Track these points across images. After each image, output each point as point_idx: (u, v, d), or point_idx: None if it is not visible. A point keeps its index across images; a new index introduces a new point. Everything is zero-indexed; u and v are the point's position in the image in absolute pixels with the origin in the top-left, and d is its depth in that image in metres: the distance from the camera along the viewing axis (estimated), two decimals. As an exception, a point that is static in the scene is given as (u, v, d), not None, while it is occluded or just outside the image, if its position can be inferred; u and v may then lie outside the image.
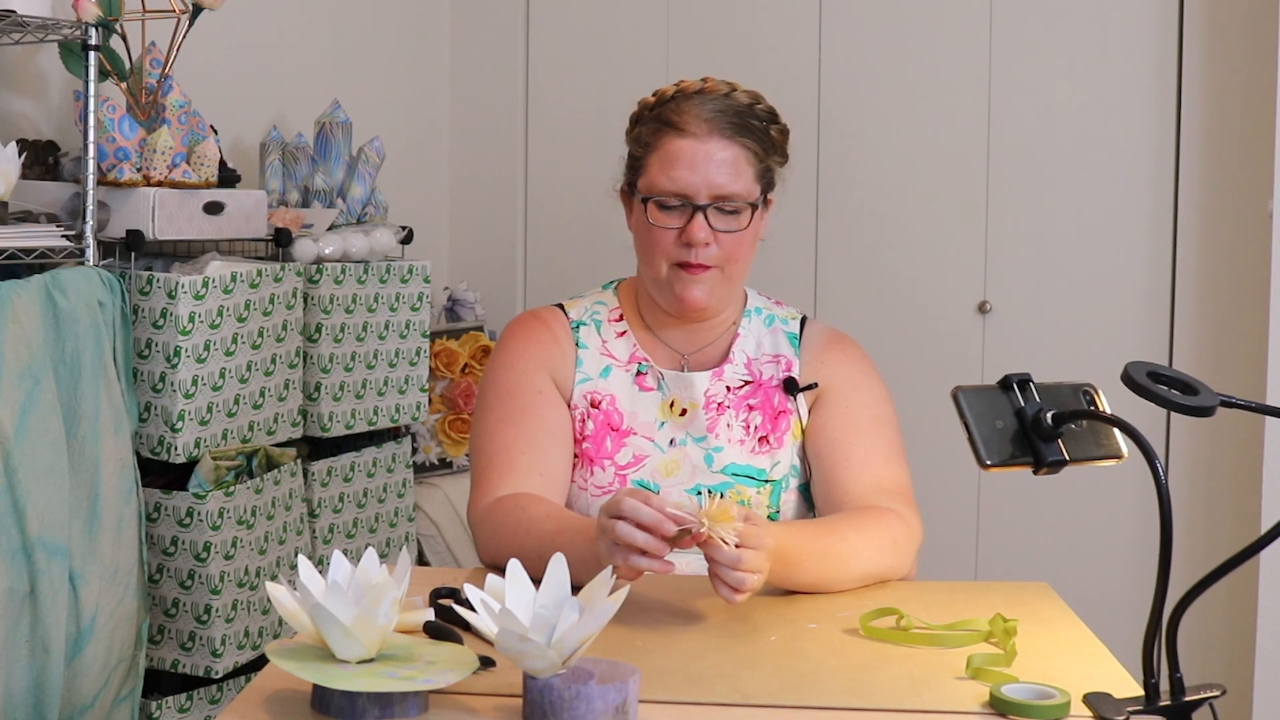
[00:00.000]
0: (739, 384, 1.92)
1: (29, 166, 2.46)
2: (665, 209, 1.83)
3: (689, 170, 1.81)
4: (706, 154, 1.81)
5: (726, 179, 1.82)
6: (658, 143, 1.84)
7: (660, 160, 1.83)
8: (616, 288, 1.99)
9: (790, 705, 1.34)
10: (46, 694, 2.12)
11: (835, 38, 3.54)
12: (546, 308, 1.98)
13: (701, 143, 1.81)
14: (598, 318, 1.95)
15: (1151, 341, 3.35)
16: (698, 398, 1.90)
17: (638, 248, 1.89)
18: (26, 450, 2.10)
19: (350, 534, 2.85)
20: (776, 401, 1.92)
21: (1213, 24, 3.26)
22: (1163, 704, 1.31)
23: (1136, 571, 3.34)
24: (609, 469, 1.88)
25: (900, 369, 3.34)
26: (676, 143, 1.82)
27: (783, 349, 1.94)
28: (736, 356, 1.93)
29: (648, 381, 1.91)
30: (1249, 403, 1.37)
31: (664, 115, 1.85)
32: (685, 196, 1.82)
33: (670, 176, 1.82)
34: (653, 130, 1.85)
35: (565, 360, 1.91)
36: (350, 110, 3.06)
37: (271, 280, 2.55)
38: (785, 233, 3.55)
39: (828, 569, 1.70)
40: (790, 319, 1.98)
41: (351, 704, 1.27)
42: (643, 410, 1.90)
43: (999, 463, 1.41)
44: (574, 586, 1.32)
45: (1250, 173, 3.19)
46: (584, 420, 1.89)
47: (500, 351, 1.94)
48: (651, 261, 1.86)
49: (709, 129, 1.82)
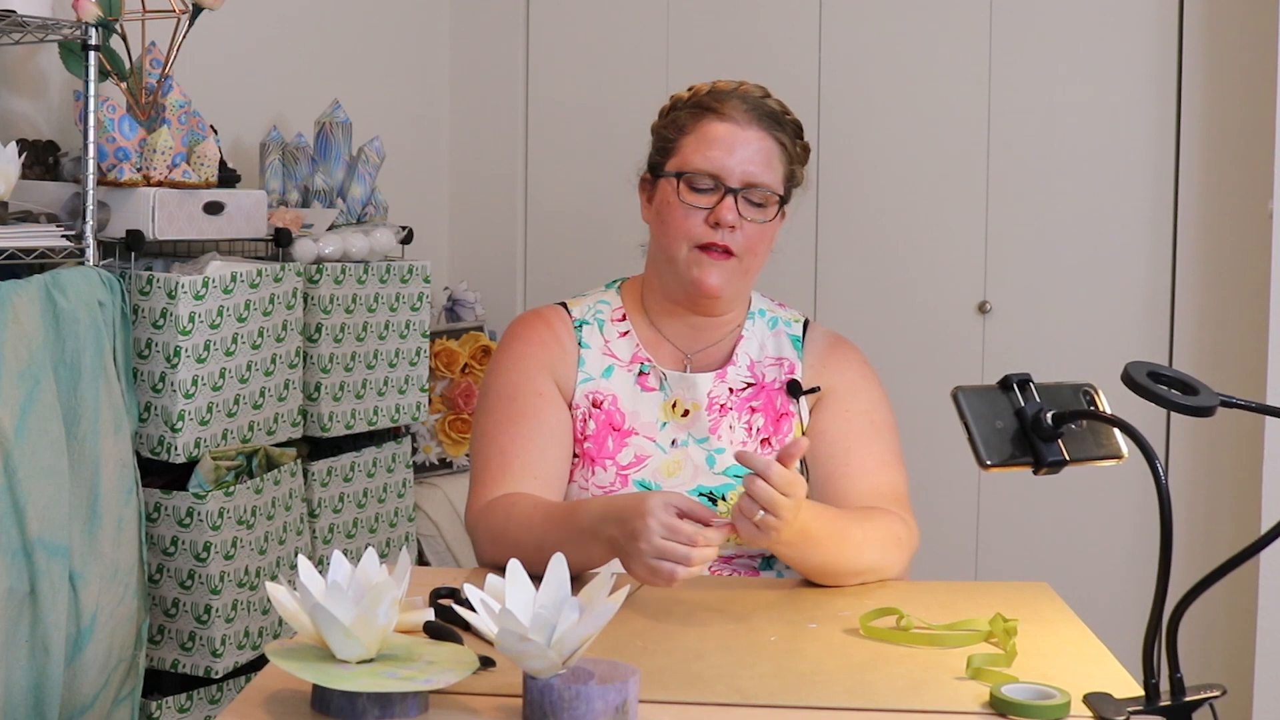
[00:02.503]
0: (742, 386, 1.92)
1: (29, 166, 2.46)
2: (696, 190, 1.85)
3: (726, 153, 1.84)
4: (745, 140, 1.85)
5: (760, 168, 1.85)
6: (696, 125, 1.87)
7: (697, 140, 1.86)
8: (620, 287, 1.99)
9: (790, 705, 1.34)
10: (46, 694, 2.12)
11: (835, 38, 3.54)
12: (549, 306, 1.98)
13: (741, 129, 1.85)
14: (600, 317, 1.94)
15: (1151, 341, 3.35)
16: (700, 399, 1.89)
17: (657, 230, 1.90)
18: (26, 450, 2.10)
19: (350, 534, 2.85)
20: (779, 404, 1.92)
21: (1213, 24, 3.26)
22: (1163, 704, 1.31)
23: (1136, 571, 3.34)
24: (610, 469, 1.87)
25: (900, 369, 3.34)
26: (716, 125, 1.86)
27: (786, 352, 1.94)
28: (740, 358, 1.93)
29: (650, 382, 1.91)
30: (1249, 403, 1.37)
31: (704, 102, 1.89)
32: (718, 178, 1.84)
33: (707, 156, 1.84)
34: (691, 114, 1.89)
35: (567, 360, 1.91)
36: (350, 110, 3.06)
37: (271, 280, 2.55)
38: (785, 232, 3.54)
39: (842, 553, 1.72)
40: (794, 321, 1.98)
41: (351, 704, 1.27)
42: (645, 410, 1.89)
43: (999, 463, 1.41)
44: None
45: (1250, 173, 3.19)
46: (586, 420, 1.89)
47: (502, 352, 1.94)
48: (672, 243, 1.87)
49: (749, 118, 1.86)
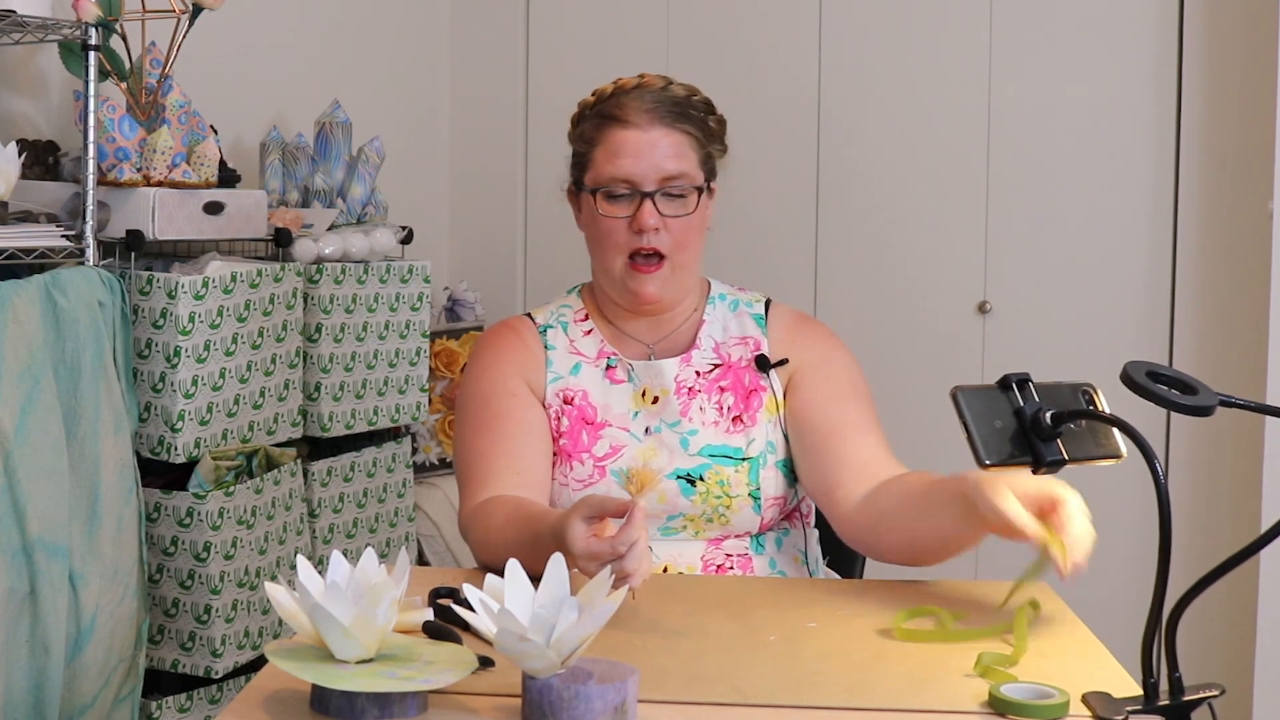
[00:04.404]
0: (708, 368, 1.94)
1: (29, 166, 2.46)
2: (613, 199, 1.88)
3: (634, 159, 1.86)
4: (650, 142, 1.86)
5: (671, 163, 1.87)
6: (601, 136, 1.89)
7: (605, 152, 1.88)
8: (581, 290, 2.03)
9: (790, 705, 1.34)
10: (46, 694, 2.12)
11: (835, 38, 3.54)
12: (515, 317, 2.03)
13: (644, 132, 1.87)
14: (564, 319, 1.99)
15: (1151, 341, 3.35)
16: (669, 384, 1.92)
17: (590, 245, 1.95)
18: (26, 450, 2.10)
19: (350, 534, 2.85)
20: (748, 380, 1.94)
21: (1213, 24, 3.26)
22: (1162, 704, 1.31)
23: (1136, 571, 3.34)
24: (588, 462, 1.90)
25: (900, 369, 3.35)
26: (620, 134, 1.87)
27: (749, 330, 1.97)
28: (704, 342, 1.96)
29: (618, 374, 1.94)
30: (1249, 403, 1.37)
31: (605, 110, 1.90)
32: (632, 184, 1.86)
33: (616, 165, 1.87)
34: (595, 125, 1.91)
35: (536, 363, 1.95)
36: (350, 110, 3.06)
37: (271, 280, 2.55)
38: (785, 232, 3.55)
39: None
40: (755, 302, 2.01)
41: (350, 704, 1.27)
42: (615, 402, 1.92)
43: (998, 462, 1.41)
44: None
45: (1250, 173, 3.19)
46: (559, 418, 1.92)
47: (473, 362, 1.98)
48: (604, 256, 1.91)
49: (650, 118, 1.87)
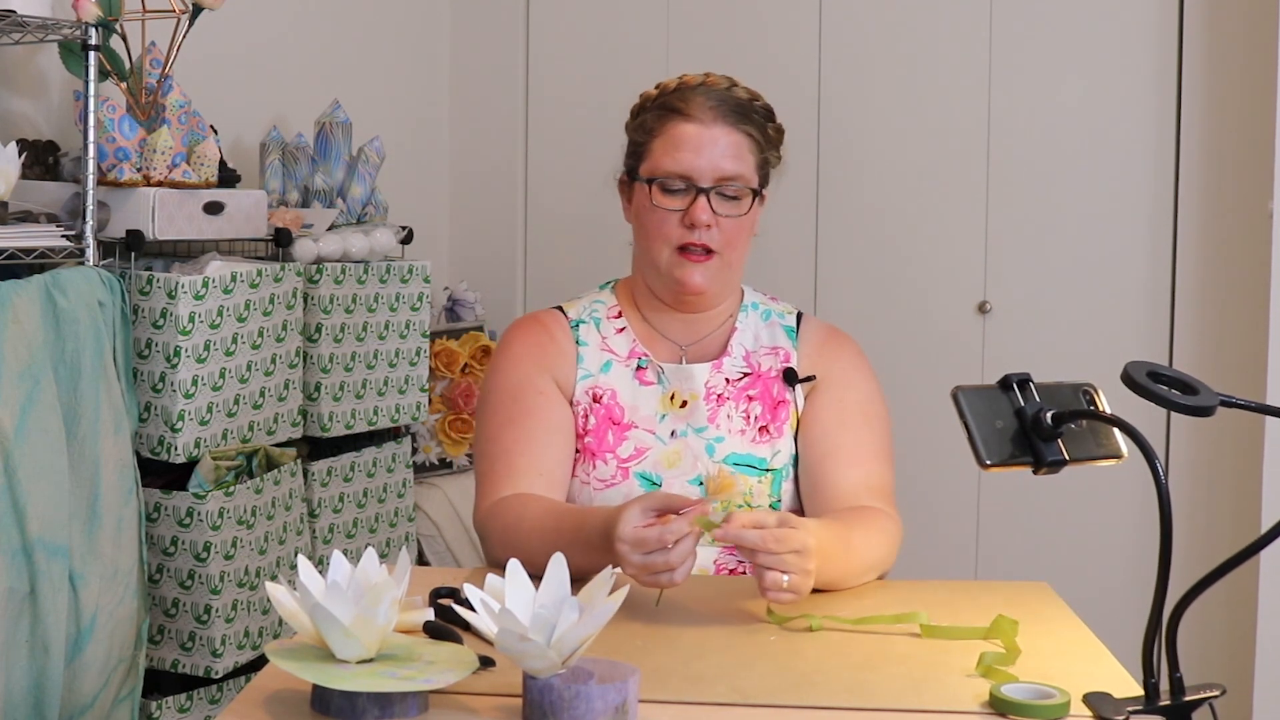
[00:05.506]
0: (738, 376, 1.94)
1: (29, 166, 2.46)
2: (668, 192, 1.87)
3: (694, 153, 1.86)
4: (711, 138, 1.86)
5: (730, 162, 1.86)
6: (663, 128, 1.88)
7: (665, 144, 1.87)
8: (614, 287, 2.01)
9: (790, 705, 1.34)
10: (46, 694, 2.12)
11: (835, 38, 3.54)
12: (545, 310, 2.00)
13: (706, 128, 1.87)
14: (596, 315, 1.97)
15: (1151, 341, 3.35)
16: (698, 389, 1.91)
17: (637, 234, 1.93)
18: (26, 450, 2.10)
19: (350, 534, 2.85)
20: (775, 392, 1.94)
21: (1213, 24, 3.26)
22: (1162, 704, 1.31)
23: (1136, 571, 3.34)
24: (611, 462, 1.89)
25: (900, 369, 3.34)
26: (682, 127, 1.87)
27: (780, 341, 1.97)
28: (735, 349, 1.95)
29: (648, 375, 1.93)
30: (1249, 403, 1.37)
31: (669, 103, 1.90)
32: (689, 179, 1.86)
33: (675, 159, 1.86)
34: (658, 116, 1.90)
35: (566, 360, 1.93)
36: (350, 110, 3.06)
37: (271, 280, 2.55)
38: (785, 232, 3.55)
39: (850, 562, 1.73)
40: (787, 313, 2.00)
41: (351, 704, 1.27)
42: (643, 404, 1.91)
43: (999, 463, 1.41)
44: (575, 580, 1.33)
45: (1250, 173, 3.19)
46: (586, 415, 1.91)
47: (500, 355, 1.96)
48: (653, 246, 1.89)
49: (714, 115, 1.87)
